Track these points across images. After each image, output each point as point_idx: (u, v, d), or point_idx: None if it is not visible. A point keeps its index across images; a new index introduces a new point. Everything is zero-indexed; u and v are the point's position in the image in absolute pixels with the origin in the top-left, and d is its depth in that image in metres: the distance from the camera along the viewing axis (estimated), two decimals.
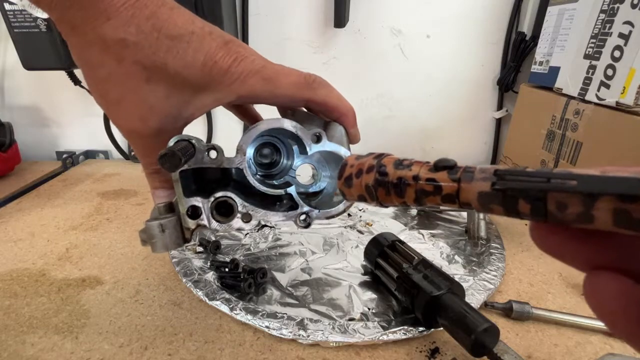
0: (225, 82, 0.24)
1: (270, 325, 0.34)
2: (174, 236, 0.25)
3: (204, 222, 0.25)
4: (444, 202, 0.14)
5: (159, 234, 0.25)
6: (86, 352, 0.33)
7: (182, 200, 0.25)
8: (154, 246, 0.25)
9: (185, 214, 0.25)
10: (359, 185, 0.17)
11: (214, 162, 0.25)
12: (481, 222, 0.50)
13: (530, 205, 0.12)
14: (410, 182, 0.15)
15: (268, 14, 0.72)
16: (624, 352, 0.34)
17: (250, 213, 0.26)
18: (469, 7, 0.72)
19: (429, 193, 0.15)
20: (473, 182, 0.13)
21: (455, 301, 0.32)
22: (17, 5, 0.57)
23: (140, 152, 0.26)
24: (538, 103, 0.62)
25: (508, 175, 0.12)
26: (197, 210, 0.25)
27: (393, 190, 0.16)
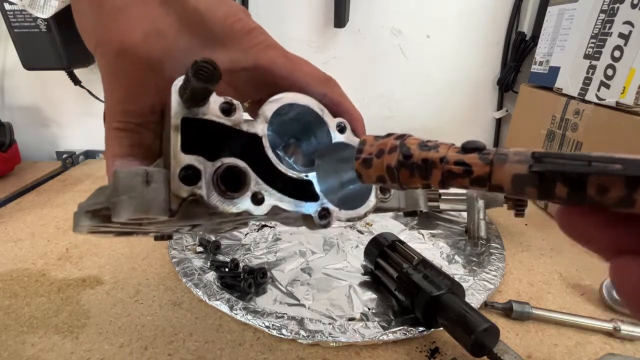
0: (245, 43, 0.21)
1: (270, 325, 0.34)
2: (160, 197, 0.17)
3: (202, 191, 0.18)
4: (473, 184, 0.14)
5: (140, 186, 0.17)
6: (86, 352, 0.33)
7: (178, 156, 0.18)
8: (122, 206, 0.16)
9: (177, 175, 0.17)
10: (380, 166, 0.16)
11: (230, 120, 0.19)
12: (481, 222, 0.50)
13: (568, 188, 0.12)
14: (437, 163, 0.15)
15: (268, 14, 0.72)
16: (624, 352, 0.34)
17: (264, 194, 0.20)
18: (469, 7, 0.72)
19: (457, 175, 0.14)
20: (507, 164, 0.13)
21: (455, 301, 0.32)
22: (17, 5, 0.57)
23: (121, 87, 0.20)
24: (538, 103, 0.62)
25: (547, 157, 0.12)
26: (196, 173, 0.18)
27: (418, 172, 0.15)
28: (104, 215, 0.18)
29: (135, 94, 0.20)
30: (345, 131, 0.24)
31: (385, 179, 0.16)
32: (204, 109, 0.19)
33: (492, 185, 0.14)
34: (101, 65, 0.19)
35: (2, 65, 0.77)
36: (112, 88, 0.20)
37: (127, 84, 0.20)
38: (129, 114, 0.20)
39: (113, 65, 0.19)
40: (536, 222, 0.57)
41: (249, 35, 0.21)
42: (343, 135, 0.24)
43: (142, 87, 0.20)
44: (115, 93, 0.20)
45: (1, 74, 0.78)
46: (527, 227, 0.55)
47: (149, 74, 0.19)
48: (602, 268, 0.46)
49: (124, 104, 0.20)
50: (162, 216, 0.17)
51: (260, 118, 0.21)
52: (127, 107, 0.20)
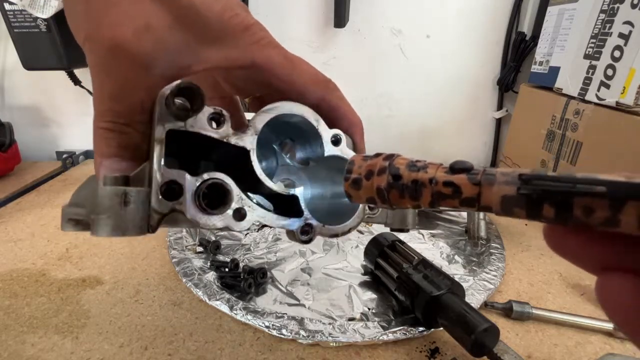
0: (243, 40, 0.20)
1: (270, 325, 0.34)
2: (139, 216, 0.17)
3: (183, 207, 0.18)
4: (463, 205, 0.14)
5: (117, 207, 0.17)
6: (86, 352, 0.33)
7: (160, 171, 0.17)
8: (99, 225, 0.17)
9: (158, 191, 0.17)
10: (370, 187, 0.17)
11: (218, 133, 0.19)
12: (481, 222, 0.50)
13: (555, 209, 0.12)
14: (427, 184, 0.15)
15: (268, 14, 0.72)
16: (624, 352, 0.34)
17: (246, 209, 0.20)
18: (469, 7, 0.72)
19: (447, 196, 0.14)
20: (495, 186, 0.13)
21: (455, 301, 0.32)
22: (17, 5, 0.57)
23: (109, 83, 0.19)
24: (538, 103, 0.62)
25: (534, 179, 0.12)
26: (178, 189, 0.18)
27: (407, 193, 0.15)
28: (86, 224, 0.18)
29: (124, 91, 0.19)
30: (340, 143, 0.23)
31: (375, 200, 0.17)
32: (192, 120, 0.18)
33: (481, 206, 0.14)
34: (90, 60, 0.19)
35: (2, 65, 0.77)
36: (101, 85, 0.19)
37: (116, 81, 0.19)
38: (116, 113, 0.19)
39: (102, 61, 0.18)
40: (536, 222, 0.57)
41: (246, 32, 0.20)
42: (337, 147, 0.23)
43: (132, 84, 0.19)
44: (104, 90, 0.19)
45: (1, 74, 0.78)
46: (527, 227, 0.55)
47: (139, 71, 0.19)
48: None
49: (112, 102, 0.19)
50: (139, 235, 0.18)
51: (250, 130, 0.20)
52: (115, 105, 0.19)
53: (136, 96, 0.19)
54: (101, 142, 0.19)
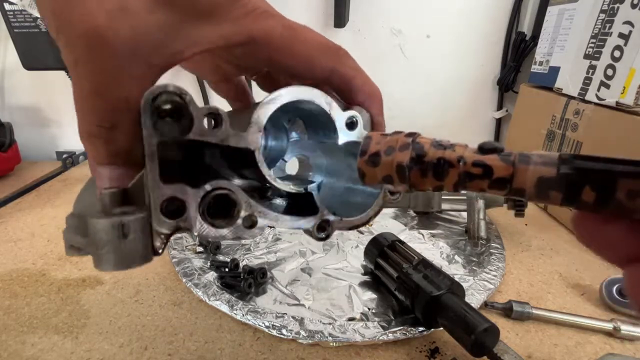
0: (235, 12, 0.18)
1: (270, 325, 0.34)
2: (140, 245, 0.16)
3: (187, 224, 0.16)
4: (492, 187, 0.13)
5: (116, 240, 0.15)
6: (86, 352, 0.33)
7: (157, 188, 0.16)
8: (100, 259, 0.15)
9: (158, 210, 0.16)
10: (389, 163, 0.15)
11: (215, 136, 0.17)
12: (481, 222, 0.50)
13: (596, 192, 0.11)
14: (455, 163, 0.14)
15: None
16: (624, 352, 0.34)
17: (256, 215, 0.18)
18: (469, 7, 0.72)
19: (476, 177, 0.13)
20: (532, 166, 0.12)
21: (455, 301, 0.32)
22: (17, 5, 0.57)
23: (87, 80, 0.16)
24: (538, 103, 0.62)
25: (575, 160, 0.12)
26: (180, 205, 0.16)
27: (432, 171, 0.14)
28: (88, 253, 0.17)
29: (105, 88, 0.16)
30: (355, 126, 0.21)
31: (393, 179, 0.15)
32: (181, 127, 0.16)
33: (513, 189, 0.13)
34: (64, 56, 0.16)
35: (2, 65, 0.77)
36: (79, 83, 0.16)
37: (94, 76, 0.16)
38: (99, 116, 0.17)
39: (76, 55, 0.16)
40: (536, 222, 0.57)
41: (238, 2, 0.18)
42: (353, 131, 0.21)
43: (112, 78, 0.16)
44: (83, 89, 0.16)
45: (1, 74, 0.78)
46: (527, 227, 0.55)
47: (119, 61, 0.16)
48: (602, 268, 0.46)
49: (92, 101, 0.16)
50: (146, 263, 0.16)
51: (253, 127, 0.18)
52: (97, 105, 0.16)
53: (119, 92, 0.16)
54: (91, 148, 0.17)
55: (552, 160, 0.12)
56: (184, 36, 0.17)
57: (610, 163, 0.11)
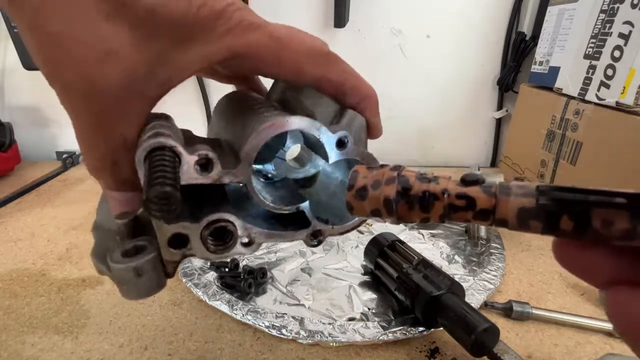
0: (217, 30, 0.18)
1: (270, 325, 0.34)
2: (154, 279, 0.18)
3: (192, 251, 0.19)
4: (476, 218, 0.14)
5: (134, 278, 0.18)
6: (86, 352, 0.33)
7: (162, 228, 0.18)
8: (125, 292, 0.18)
9: (165, 245, 0.18)
10: (376, 198, 0.15)
11: (210, 177, 0.18)
12: None
13: (574, 221, 0.12)
14: (439, 196, 0.14)
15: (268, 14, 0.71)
16: (624, 352, 0.34)
17: (253, 236, 0.20)
18: (469, 7, 0.72)
19: (460, 209, 0.14)
20: (512, 197, 0.13)
21: (455, 301, 0.32)
22: None
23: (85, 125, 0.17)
24: (538, 103, 0.62)
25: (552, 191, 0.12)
26: (183, 238, 0.19)
27: (418, 204, 0.15)
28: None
29: (101, 130, 0.17)
30: (346, 145, 0.21)
31: (381, 212, 0.16)
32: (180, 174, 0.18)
33: (496, 219, 0.13)
34: (61, 101, 0.17)
35: (2, 65, 0.77)
36: (78, 124, 0.17)
37: (90, 121, 0.17)
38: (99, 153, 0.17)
39: (71, 101, 0.16)
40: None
41: (219, 21, 0.18)
42: (343, 150, 0.22)
43: (107, 121, 0.17)
44: (82, 130, 0.17)
45: (1, 74, 0.78)
46: None
47: (112, 104, 0.17)
48: None
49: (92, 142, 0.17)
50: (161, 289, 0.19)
51: (244, 163, 0.19)
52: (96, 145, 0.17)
53: (115, 132, 0.17)
54: (100, 179, 0.19)
55: (530, 191, 0.13)
56: (171, 64, 0.18)
57: (584, 194, 0.12)
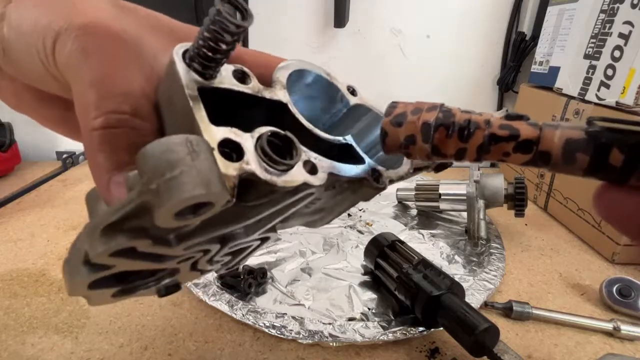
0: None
1: (270, 325, 0.34)
2: (214, 168, 0.13)
3: (251, 166, 0.14)
4: (517, 150, 0.13)
5: (188, 157, 0.12)
6: (86, 352, 0.33)
7: (210, 130, 0.14)
8: (174, 185, 0.11)
9: (217, 152, 0.13)
10: (414, 122, 0.15)
11: (249, 88, 0.17)
12: (481, 222, 0.50)
13: (625, 154, 0.11)
14: (481, 125, 0.14)
15: (268, 14, 0.72)
16: (624, 352, 0.34)
17: (314, 161, 0.16)
18: (469, 7, 0.72)
19: (502, 139, 0.13)
20: (559, 130, 0.12)
21: (455, 301, 0.32)
22: None
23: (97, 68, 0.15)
24: (538, 103, 0.62)
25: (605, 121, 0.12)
26: (236, 147, 0.14)
27: (457, 132, 0.14)
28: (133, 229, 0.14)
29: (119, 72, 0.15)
30: (356, 93, 0.21)
31: (416, 139, 0.15)
32: (218, 79, 0.16)
33: (538, 152, 0.13)
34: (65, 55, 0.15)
35: None
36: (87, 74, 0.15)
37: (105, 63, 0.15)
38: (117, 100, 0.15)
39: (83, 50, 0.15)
40: (536, 222, 0.57)
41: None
42: (356, 97, 0.21)
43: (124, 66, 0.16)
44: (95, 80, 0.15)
45: None
46: (527, 227, 0.55)
47: (128, 52, 0.16)
48: (602, 268, 0.46)
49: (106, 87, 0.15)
50: (224, 196, 0.13)
51: (277, 85, 0.18)
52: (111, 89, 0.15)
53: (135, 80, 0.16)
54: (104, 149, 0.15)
55: (579, 126, 0.12)
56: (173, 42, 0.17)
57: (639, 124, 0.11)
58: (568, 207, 0.54)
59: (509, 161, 0.14)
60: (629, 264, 0.46)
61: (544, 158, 0.13)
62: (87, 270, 0.15)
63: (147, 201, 0.12)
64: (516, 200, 0.49)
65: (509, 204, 0.50)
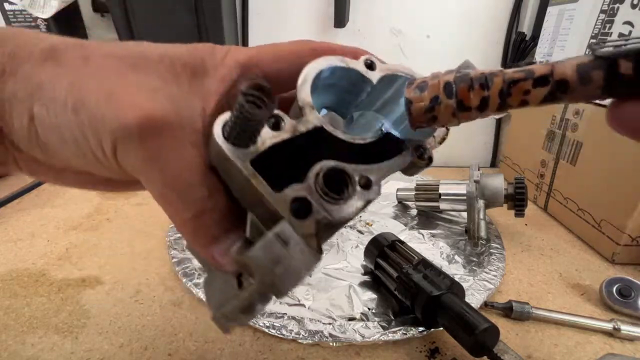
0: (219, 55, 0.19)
1: (270, 325, 0.34)
2: (305, 248, 0.15)
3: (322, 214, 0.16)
4: (536, 85, 0.15)
5: (284, 251, 0.15)
6: (86, 352, 0.33)
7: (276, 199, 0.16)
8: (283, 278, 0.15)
9: (291, 217, 0.15)
10: (436, 85, 0.16)
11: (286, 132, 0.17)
12: (481, 222, 0.50)
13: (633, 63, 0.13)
14: (498, 73, 0.15)
15: (268, 13, 0.72)
16: (624, 352, 0.34)
17: (366, 174, 0.17)
18: (469, 7, 0.72)
19: (519, 80, 0.15)
20: (568, 61, 0.14)
21: (455, 301, 0.32)
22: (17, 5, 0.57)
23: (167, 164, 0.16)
24: None
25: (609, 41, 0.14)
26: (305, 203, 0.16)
27: (477, 83, 0.15)
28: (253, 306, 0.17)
29: (184, 165, 0.17)
30: (375, 66, 0.21)
31: (441, 98, 0.16)
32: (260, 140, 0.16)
33: (555, 81, 0.14)
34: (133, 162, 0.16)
35: None
36: (159, 177, 0.17)
37: (172, 163, 0.16)
38: (192, 190, 0.17)
39: (149, 154, 0.16)
40: (536, 222, 0.57)
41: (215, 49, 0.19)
42: (375, 70, 0.21)
43: (184, 152, 0.17)
44: (164, 180, 0.17)
45: None
46: (527, 227, 0.55)
47: (182, 132, 0.17)
48: (602, 268, 0.46)
49: (179, 184, 0.17)
50: (317, 263, 0.16)
51: (306, 108, 0.18)
52: (185, 186, 0.17)
53: (195, 159, 0.17)
54: (199, 233, 0.18)
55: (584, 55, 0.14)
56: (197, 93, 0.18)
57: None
58: (568, 207, 0.54)
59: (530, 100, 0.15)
60: (629, 264, 0.46)
61: (562, 86, 0.14)
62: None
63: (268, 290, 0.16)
64: (516, 200, 0.49)
65: (509, 204, 0.50)
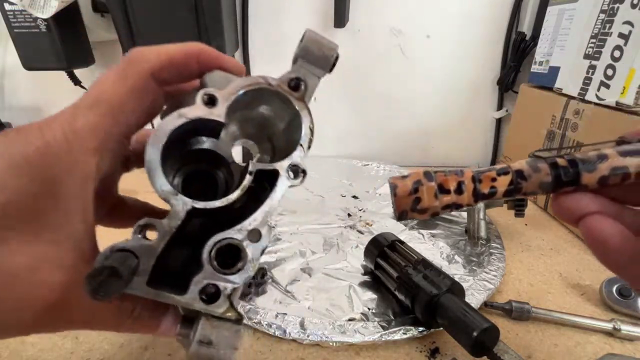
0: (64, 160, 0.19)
1: (270, 325, 0.34)
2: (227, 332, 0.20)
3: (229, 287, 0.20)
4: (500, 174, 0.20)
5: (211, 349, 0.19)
6: (86, 352, 0.33)
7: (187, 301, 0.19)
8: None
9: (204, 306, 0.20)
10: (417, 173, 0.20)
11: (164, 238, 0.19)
12: (481, 222, 0.50)
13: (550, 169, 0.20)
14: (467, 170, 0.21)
15: (268, 13, 0.72)
16: (624, 352, 0.34)
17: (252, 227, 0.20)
18: (469, 7, 0.72)
19: (486, 170, 0.20)
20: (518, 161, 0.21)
21: (455, 301, 0.32)
22: (17, 5, 0.57)
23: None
24: (538, 103, 0.62)
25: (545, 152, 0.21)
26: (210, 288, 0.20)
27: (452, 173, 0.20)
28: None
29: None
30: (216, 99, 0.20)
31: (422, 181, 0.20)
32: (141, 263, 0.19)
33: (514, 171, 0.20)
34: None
35: (2, 65, 0.77)
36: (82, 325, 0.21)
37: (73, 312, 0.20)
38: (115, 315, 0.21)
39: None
40: (536, 222, 0.57)
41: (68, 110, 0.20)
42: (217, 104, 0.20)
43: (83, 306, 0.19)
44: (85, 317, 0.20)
45: (1, 74, 0.78)
46: (527, 227, 0.55)
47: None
48: (602, 268, 0.46)
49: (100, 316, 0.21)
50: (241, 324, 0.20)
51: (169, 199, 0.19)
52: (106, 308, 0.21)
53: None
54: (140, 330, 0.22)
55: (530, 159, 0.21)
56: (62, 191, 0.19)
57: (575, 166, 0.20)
58: None
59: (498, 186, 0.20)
60: None
61: (520, 174, 0.20)
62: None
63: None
64: (516, 200, 0.49)
65: (509, 204, 0.50)
